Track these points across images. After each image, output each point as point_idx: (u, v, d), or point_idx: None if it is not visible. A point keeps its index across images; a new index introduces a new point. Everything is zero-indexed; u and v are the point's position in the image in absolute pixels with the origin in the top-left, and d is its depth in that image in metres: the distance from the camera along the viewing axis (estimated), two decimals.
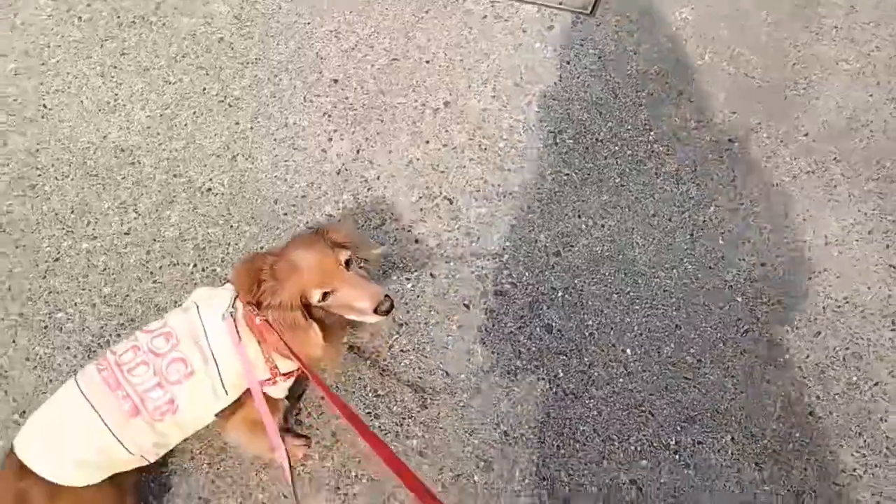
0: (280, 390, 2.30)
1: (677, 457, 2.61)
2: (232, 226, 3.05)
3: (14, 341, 2.81)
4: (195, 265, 2.96)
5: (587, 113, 3.31)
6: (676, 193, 3.11)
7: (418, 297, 2.89)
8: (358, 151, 3.22)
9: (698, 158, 3.19)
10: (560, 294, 2.90)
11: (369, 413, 2.66)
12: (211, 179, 3.16)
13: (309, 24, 3.62)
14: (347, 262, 2.11)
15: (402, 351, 2.78)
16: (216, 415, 2.19)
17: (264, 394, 2.20)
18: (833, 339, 2.80)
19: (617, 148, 3.22)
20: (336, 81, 3.42)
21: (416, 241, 3.00)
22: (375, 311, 2.10)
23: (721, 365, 2.76)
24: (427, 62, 3.47)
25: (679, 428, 2.66)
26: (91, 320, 2.84)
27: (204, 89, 3.41)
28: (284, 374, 2.20)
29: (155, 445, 2.12)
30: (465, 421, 2.66)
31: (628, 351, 2.80)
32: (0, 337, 2.81)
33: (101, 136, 3.28)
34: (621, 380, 2.74)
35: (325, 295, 2.05)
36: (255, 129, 3.29)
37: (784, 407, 2.69)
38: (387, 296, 2.12)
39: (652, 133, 3.26)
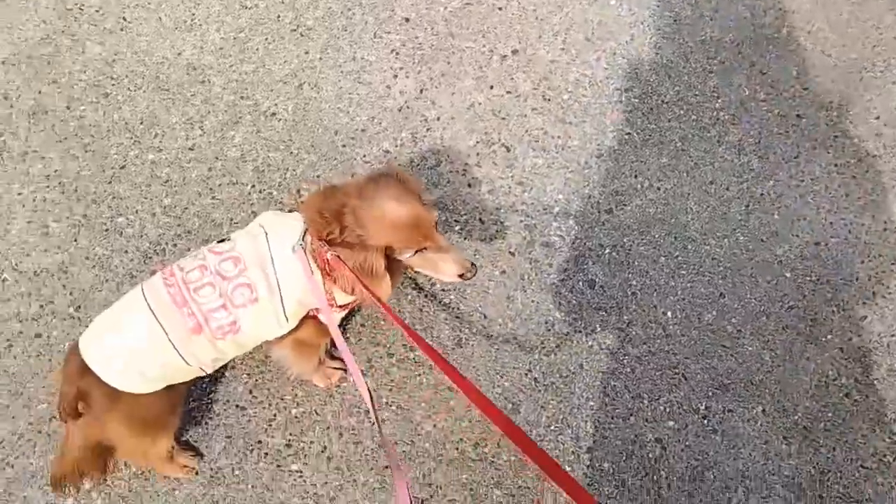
0: (334, 320, 2.33)
1: (706, 422, 2.62)
2: (292, 152, 3.11)
3: (76, 240, 2.92)
4: (253, 186, 3.04)
5: (656, 74, 3.28)
6: (737, 164, 3.08)
7: (465, 239, 2.92)
8: (421, 91, 3.24)
9: (763, 131, 3.14)
10: (607, 251, 2.91)
11: (406, 346, 2.72)
12: (276, 105, 3.22)
13: None
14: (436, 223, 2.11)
15: (443, 290, 2.83)
16: None
17: (316, 318, 2.26)
18: (879, 325, 2.77)
19: (682, 112, 3.19)
20: (407, 20, 3.44)
21: (469, 185, 3.03)
22: (460, 276, 2.15)
23: (761, 337, 2.75)
24: (500, 9, 3.46)
25: (711, 394, 2.66)
26: (150, 228, 2.94)
27: (278, 16, 3.46)
28: (340, 306, 2.24)
29: (213, 360, 2.18)
30: (497, 363, 2.71)
31: (669, 314, 2.80)
32: (64, 234, 2.92)
33: (176, 52, 3.36)
34: (658, 341, 2.75)
35: (414, 253, 2.08)
36: (323, 59, 3.34)
37: (820, 386, 2.67)
38: (472, 263, 2.16)
39: (719, 101, 3.21)
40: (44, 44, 3.37)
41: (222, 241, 2.14)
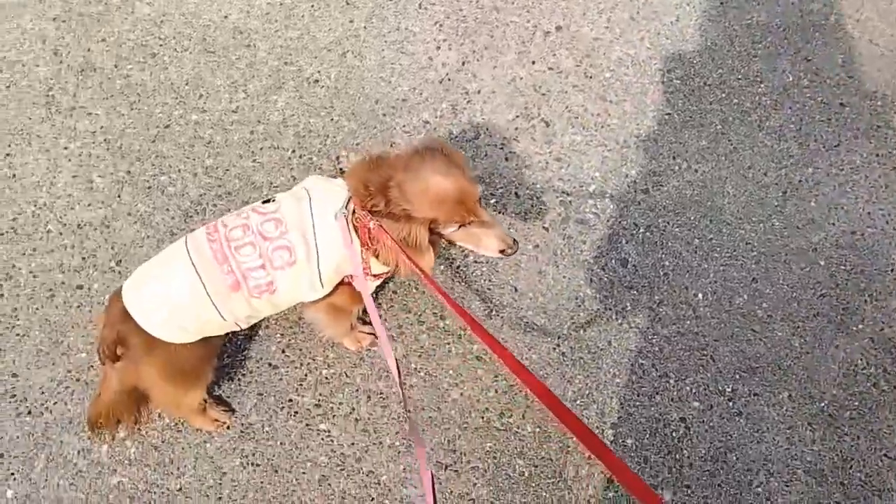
0: (368, 287, 2.36)
1: (731, 404, 2.63)
2: (332, 119, 3.15)
3: (119, 196, 2.99)
4: (294, 151, 3.08)
5: (699, 56, 3.27)
6: (776, 149, 3.06)
7: (499, 213, 2.94)
8: (463, 63, 3.26)
9: (805, 118, 3.12)
10: (641, 231, 2.92)
11: (436, 314, 2.76)
12: (319, 72, 3.26)
13: None
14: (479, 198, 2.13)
15: (475, 261, 2.86)
16: None
17: (350, 285, 2.29)
18: None
19: (724, 95, 3.17)
20: None
21: (506, 159, 3.05)
22: (501, 252, 2.17)
23: (791, 323, 2.75)
24: None
25: (738, 377, 2.67)
26: (192, 187, 3.00)
27: None
28: (375, 275, 2.27)
29: (248, 317, 2.23)
30: (526, 336, 2.73)
31: (700, 296, 2.81)
32: (108, 190, 2.99)
33: (223, 16, 3.40)
34: (688, 322, 2.76)
35: (458, 227, 2.10)
36: (367, 28, 3.36)
37: (848, 374, 2.67)
38: (514, 240, 2.17)
39: (762, 86, 3.20)
40: (94, 2, 3.44)
41: (267, 201, 2.18)
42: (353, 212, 2.12)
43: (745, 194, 2.98)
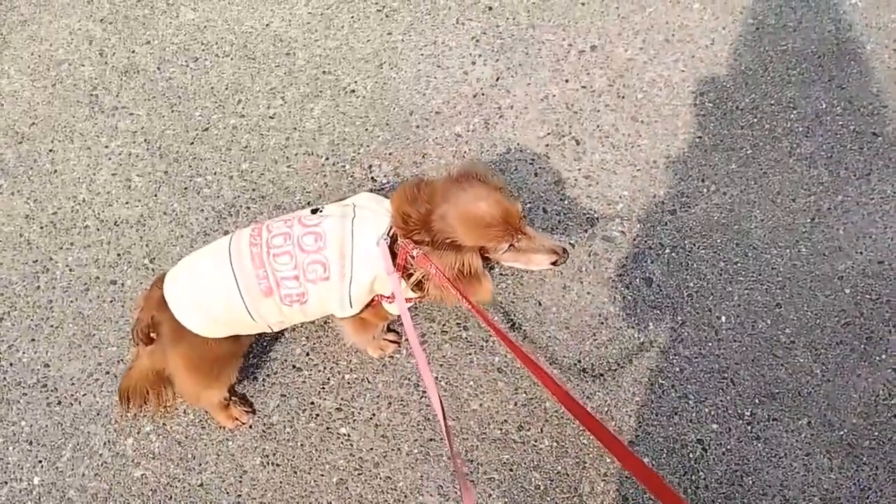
0: (394, 309, 2.36)
1: (749, 428, 2.64)
2: (367, 129, 3.20)
3: (156, 195, 3.06)
4: (327, 158, 3.14)
5: (733, 81, 3.28)
6: (806, 176, 3.06)
7: None
8: (497, 79, 3.30)
9: (836, 146, 3.12)
10: (667, 251, 2.93)
11: (459, 324, 2.79)
12: (356, 82, 3.32)
13: None
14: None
15: (501, 273, 2.89)
16: None
17: (378, 305, 2.33)
18: None
19: (755, 120, 3.18)
20: (490, 9, 3.49)
21: (536, 175, 3.08)
22: (553, 264, 2.19)
23: (814, 350, 2.75)
24: (582, 3, 3.49)
25: (758, 401, 2.68)
26: (227, 190, 3.07)
27: None
28: (405, 299, 2.28)
29: (278, 322, 2.28)
30: (548, 350, 2.76)
31: (723, 318, 2.81)
32: (145, 189, 3.07)
33: (264, 24, 3.48)
34: (710, 344, 2.77)
35: (508, 248, 2.11)
36: (405, 41, 3.42)
37: (869, 404, 2.66)
38: (564, 249, 2.17)
39: (794, 112, 3.20)
40: (140, 5, 3.53)
41: (316, 210, 2.21)
42: (395, 238, 2.13)
43: (773, 219, 2.98)
